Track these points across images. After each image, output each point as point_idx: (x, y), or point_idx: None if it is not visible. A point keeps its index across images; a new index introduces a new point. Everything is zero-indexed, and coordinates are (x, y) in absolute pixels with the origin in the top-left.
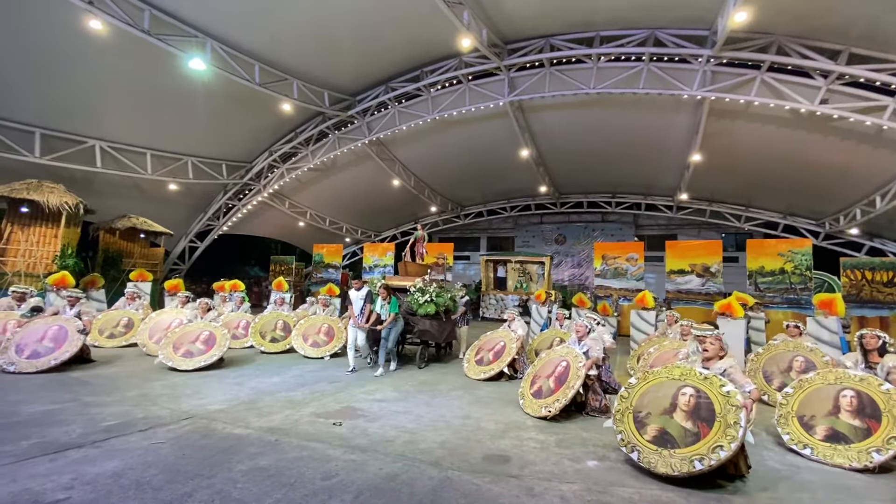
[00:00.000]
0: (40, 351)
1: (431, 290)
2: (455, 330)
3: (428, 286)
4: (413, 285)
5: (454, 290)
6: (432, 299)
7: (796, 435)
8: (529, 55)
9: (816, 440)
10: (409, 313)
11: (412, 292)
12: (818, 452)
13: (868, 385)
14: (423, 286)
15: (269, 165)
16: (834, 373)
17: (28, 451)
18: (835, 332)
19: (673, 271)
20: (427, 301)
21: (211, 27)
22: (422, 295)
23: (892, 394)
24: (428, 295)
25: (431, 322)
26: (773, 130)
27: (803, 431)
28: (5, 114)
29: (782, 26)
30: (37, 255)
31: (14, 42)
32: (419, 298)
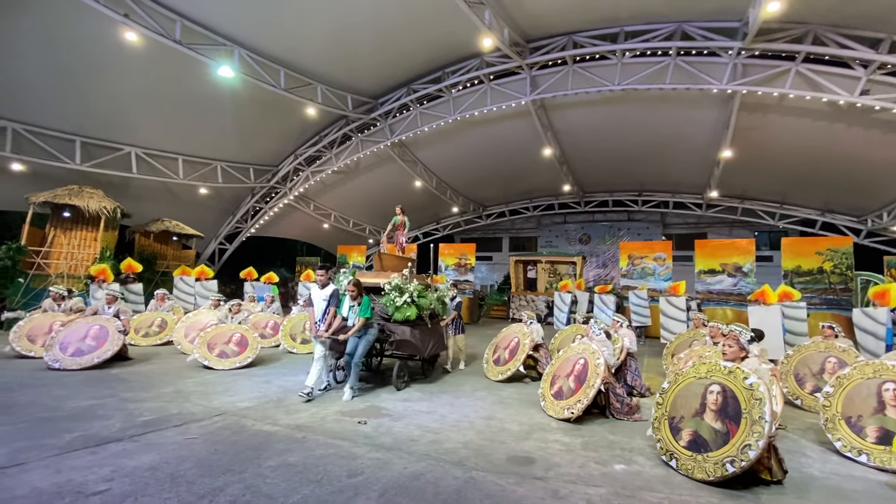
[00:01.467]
0: (83, 349)
1: (412, 289)
2: (443, 339)
3: (407, 283)
4: (388, 282)
5: (443, 289)
6: (413, 300)
7: (848, 440)
8: (552, 53)
9: (870, 444)
10: (383, 318)
11: (388, 291)
12: (875, 458)
13: None
14: (400, 283)
15: (294, 169)
16: (871, 365)
17: (71, 444)
18: (882, 322)
19: (703, 271)
20: (406, 303)
21: (238, 35)
22: (400, 295)
23: None
24: (408, 295)
25: (412, 330)
26: (809, 124)
27: (855, 435)
28: (49, 123)
29: (818, 15)
30: (78, 258)
31: (56, 56)
32: (396, 300)
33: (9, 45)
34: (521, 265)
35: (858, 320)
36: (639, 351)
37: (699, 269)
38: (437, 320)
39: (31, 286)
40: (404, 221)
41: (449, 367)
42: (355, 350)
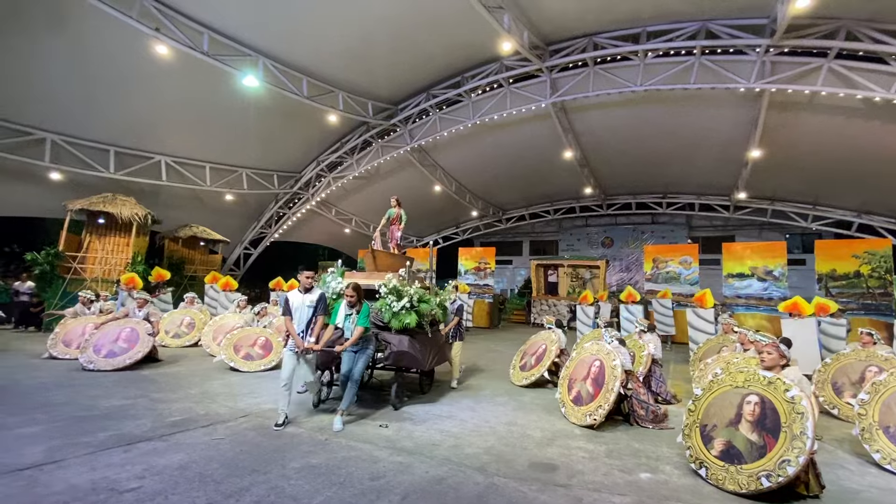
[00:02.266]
0: (116, 350)
1: (413, 292)
2: (445, 350)
3: (407, 285)
4: (384, 284)
5: (443, 291)
6: (413, 305)
7: (887, 451)
8: (572, 55)
9: None
10: (377, 327)
11: (383, 295)
12: None
13: None
14: (398, 286)
15: (316, 175)
16: None
17: (105, 443)
18: None
19: (731, 275)
20: (405, 308)
21: (263, 45)
22: (397, 299)
23: None
24: (407, 299)
25: (412, 340)
26: (842, 122)
27: (894, 446)
28: (85, 134)
29: (851, 10)
30: (111, 262)
31: (91, 70)
32: (393, 304)
33: (48, 63)
34: (543, 269)
35: None
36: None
37: (727, 273)
38: (437, 328)
39: (67, 290)
40: (400, 215)
41: (455, 382)
42: (353, 367)
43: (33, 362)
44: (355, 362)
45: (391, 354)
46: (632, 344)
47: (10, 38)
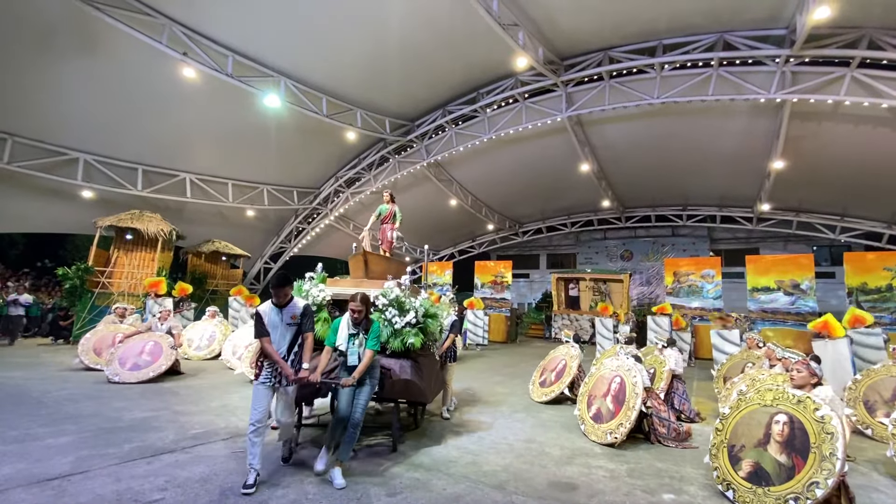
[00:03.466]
0: (140, 363)
1: (419, 305)
2: (441, 375)
3: (409, 297)
4: (382, 294)
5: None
6: (419, 322)
7: None
8: (587, 69)
9: None
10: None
11: (381, 308)
12: None
13: None
14: (400, 297)
15: (335, 191)
16: None
17: (129, 454)
18: None
19: (756, 289)
20: (408, 326)
21: (284, 66)
22: (400, 313)
23: None
24: (413, 314)
25: (415, 366)
26: (869, 131)
27: None
28: (115, 154)
29: (873, 18)
30: (137, 277)
31: (121, 92)
32: (395, 320)
33: (82, 86)
34: (563, 283)
35: None
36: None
37: (751, 287)
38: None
39: (95, 304)
40: (394, 212)
41: (446, 412)
42: (354, 405)
43: (63, 374)
44: (357, 398)
45: (393, 384)
46: (652, 359)
47: (47, 65)
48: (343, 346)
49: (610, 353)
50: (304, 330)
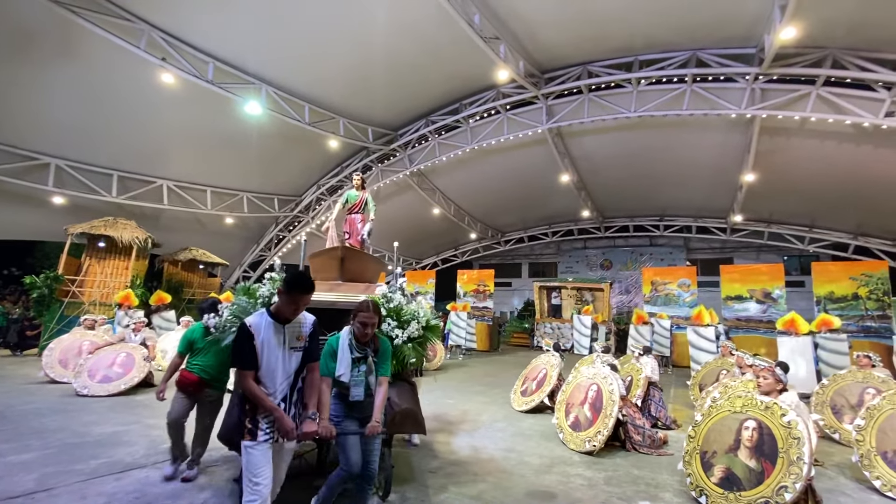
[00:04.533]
0: (111, 376)
1: (422, 314)
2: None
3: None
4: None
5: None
6: (420, 336)
7: (887, 478)
8: (567, 83)
9: None
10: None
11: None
12: None
13: None
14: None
15: (317, 198)
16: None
17: (97, 470)
18: None
19: (729, 297)
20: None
21: (266, 74)
22: (400, 325)
23: None
24: (414, 326)
25: (411, 391)
26: (834, 146)
27: (892, 472)
28: (89, 159)
29: (836, 39)
30: (110, 286)
31: (97, 96)
32: (395, 334)
33: (55, 91)
34: (546, 291)
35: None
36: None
37: (725, 295)
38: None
39: (64, 314)
40: (365, 201)
41: (416, 437)
42: (367, 455)
43: (28, 387)
44: (369, 444)
45: (394, 417)
46: (629, 367)
47: (19, 67)
48: (345, 375)
49: (587, 361)
50: (314, 358)
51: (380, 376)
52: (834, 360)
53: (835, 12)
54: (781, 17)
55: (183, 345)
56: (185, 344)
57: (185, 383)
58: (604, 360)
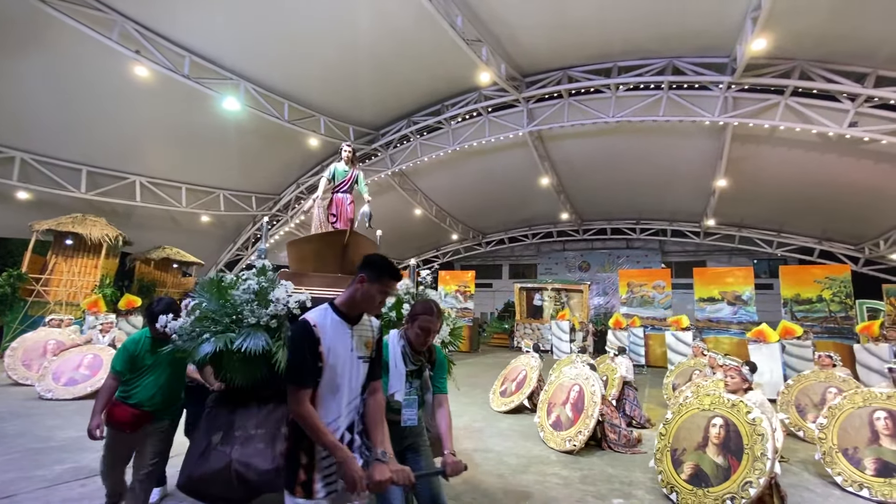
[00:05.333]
0: (77, 378)
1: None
2: None
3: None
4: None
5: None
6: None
7: (848, 474)
8: (547, 87)
9: (869, 476)
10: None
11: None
12: (876, 492)
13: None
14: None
15: (296, 197)
16: (861, 394)
17: (61, 476)
18: (885, 359)
19: (702, 299)
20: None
21: (245, 70)
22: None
23: None
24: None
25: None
26: (801, 154)
27: (853, 468)
28: (56, 153)
29: (804, 51)
30: (77, 285)
31: (66, 88)
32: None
33: (22, 79)
34: (526, 292)
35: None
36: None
37: (699, 297)
38: None
39: (28, 314)
40: (356, 177)
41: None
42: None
43: None
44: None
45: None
46: (605, 367)
47: None
48: (400, 393)
49: (566, 361)
50: (378, 374)
51: (438, 394)
52: (799, 365)
53: (803, 26)
54: (753, 28)
55: (122, 362)
56: (126, 361)
57: (121, 421)
58: (582, 360)
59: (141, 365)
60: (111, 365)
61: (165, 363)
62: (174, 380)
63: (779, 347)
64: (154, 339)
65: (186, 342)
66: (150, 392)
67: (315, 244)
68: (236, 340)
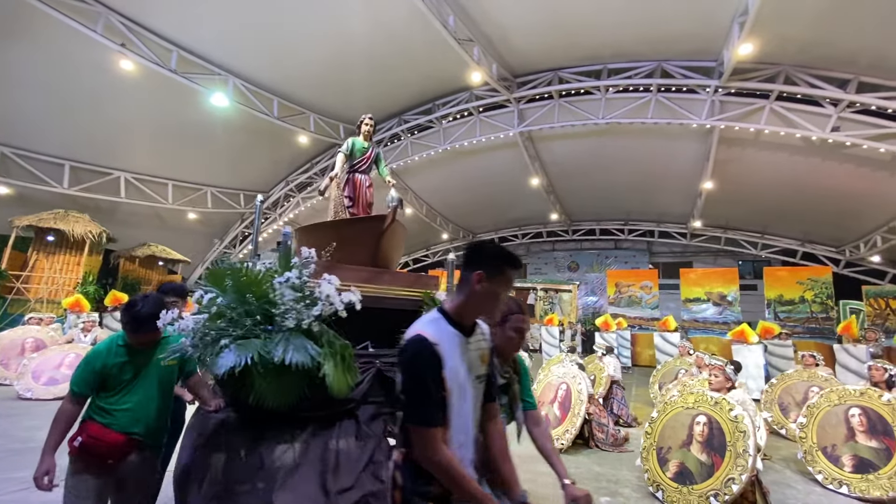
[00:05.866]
0: (57, 378)
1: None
2: None
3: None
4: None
5: None
6: None
7: (828, 472)
8: (538, 87)
9: (847, 473)
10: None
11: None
12: (855, 488)
13: (870, 399)
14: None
15: (285, 195)
16: (836, 392)
17: None
18: (863, 360)
19: (688, 299)
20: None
21: (233, 65)
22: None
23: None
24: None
25: None
26: (785, 158)
27: (832, 466)
28: (38, 147)
29: (789, 57)
30: (59, 283)
31: (48, 79)
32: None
33: (3, 71)
34: (515, 292)
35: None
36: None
37: (685, 298)
38: None
39: (8, 311)
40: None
41: None
42: None
43: None
44: None
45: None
46: (592, 367)
47: None
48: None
49: (555, 360)
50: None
51: (531, 410)
52: (781, 364)
53: (788, 31)
54: (740, 33)
55: (84, 381)
56: (90, 380)
57: (101, 450)
58: (571, 360)
59: (117, 382)
60: (70, 385)
61: (154, 375)
62: (164, 396)
63: (761, 348)
64: (129, 348)
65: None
66: (137, 414)
67: (344, 230)
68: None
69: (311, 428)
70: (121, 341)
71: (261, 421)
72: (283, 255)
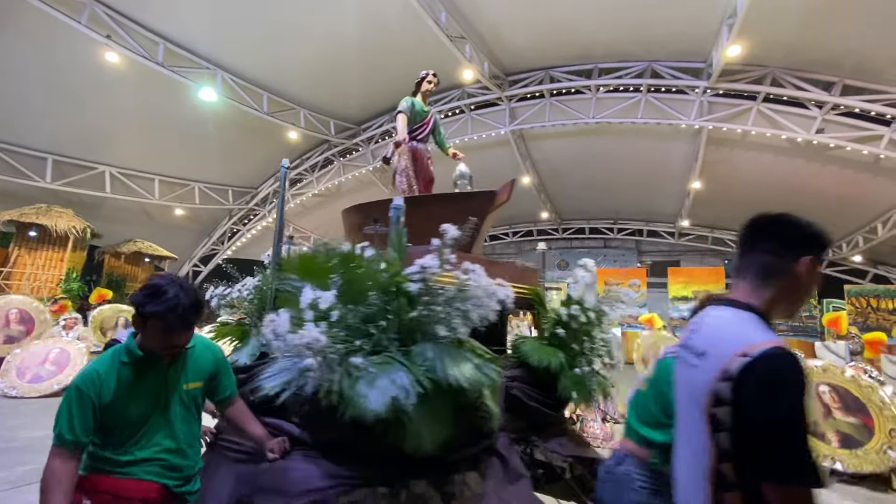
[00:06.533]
0: (42, 375)
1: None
2: None
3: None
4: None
5: None
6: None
7: (819, 448)
8: (530, 86)
9: (836, 449)
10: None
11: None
12: (847, 464)
13: (833, 376)
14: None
15: (274, 191)
16: None
17: (23, 478)
18: (843, 357)
19: (676, 298)
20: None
21: (222, 59)
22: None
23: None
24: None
25: None
26: (771, 159)
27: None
28: (20, 140)
29: (776, 59)
30: (42, 279)
31: (31, 72)
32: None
33: None
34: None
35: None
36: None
37: (673, 296)
38: None
39: None
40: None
41: None
42: None
43: None
44: None
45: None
46: None
47: None
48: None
49: None
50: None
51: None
52: None
53: (775, 34)
54: (728, 35)
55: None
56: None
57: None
58: None
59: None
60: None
61: (176, 402)
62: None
63: None
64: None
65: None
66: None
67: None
68: (447, 370)
69: (461, 476)
70: (125, 358)
71: (391, 472)
72: (397, 236)
